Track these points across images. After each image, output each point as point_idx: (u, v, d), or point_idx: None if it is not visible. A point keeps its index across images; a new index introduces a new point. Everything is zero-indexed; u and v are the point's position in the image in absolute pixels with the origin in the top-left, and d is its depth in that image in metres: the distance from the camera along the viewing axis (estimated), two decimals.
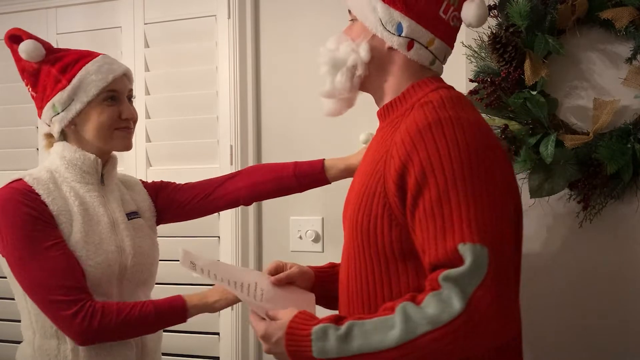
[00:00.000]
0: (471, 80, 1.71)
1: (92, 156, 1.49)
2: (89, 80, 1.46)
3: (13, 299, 1.49)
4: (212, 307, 1.47)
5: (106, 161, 1.55)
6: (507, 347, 1.16)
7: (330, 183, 1.65)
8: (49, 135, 1.56)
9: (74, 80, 1.45)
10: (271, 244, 2.22)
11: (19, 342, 1.55)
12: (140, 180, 1.73)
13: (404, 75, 1.23)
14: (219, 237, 2.25)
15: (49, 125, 1.52)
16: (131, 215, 1.57)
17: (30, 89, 1.52)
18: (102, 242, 1.44)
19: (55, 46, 2.41)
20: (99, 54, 1.52)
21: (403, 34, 1.19)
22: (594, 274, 1.66)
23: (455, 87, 1.20)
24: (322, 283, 1.43)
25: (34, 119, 2.53)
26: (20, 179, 1.43)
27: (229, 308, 2.20)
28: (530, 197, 1.68)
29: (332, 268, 1.47)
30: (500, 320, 1.00)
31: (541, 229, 1.71)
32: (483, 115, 1.71)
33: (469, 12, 1.20)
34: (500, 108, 1.68)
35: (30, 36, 1.49)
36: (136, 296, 1.54)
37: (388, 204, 1.12)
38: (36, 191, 1.41)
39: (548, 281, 1.70)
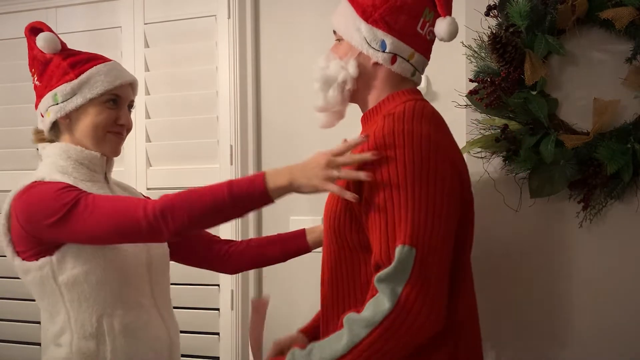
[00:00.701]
0: (471, 80, 1.71)
1: (98, 154, 1.50)
2: (97, 79, 1.47)
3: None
4: (296, 189, 1.30)
5: (107, 160, 1.55)
6: (443, 344, 1.24)
7: (311, 250, 1.66)
8: (39, 131, 1.56)
9: (82, 76, 1.47)
10: None
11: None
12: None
13: (385, 86, 1.35)
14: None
15: (43, 116, 1.51)
16: None
17: (35, 78, 1.53)
18: None
19: None
20: (111, 60, 1.54)
21: (387, 50, 1.32)
22: (594, 273, 1.66)
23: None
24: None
25: (33, 119, 2.52)
26: (39, 180, 1.41)
27: (229, 308, 2.21)
28: (531, 197, 1.68)
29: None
30: (426, 314, 1.12)
31: (541, 229, 1.71)
32: (483, 115, 1.72)
33: (440, 28, 1.34)
34: (500, 108, 1.68)
35: (51, 31, 1.51)
36: (164, 288, 1.56)
37: (350, 203, 1.26)
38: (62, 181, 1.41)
39: (548, 281, 1.70)
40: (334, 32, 1.40)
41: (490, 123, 1.70)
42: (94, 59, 1.51)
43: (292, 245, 1.65)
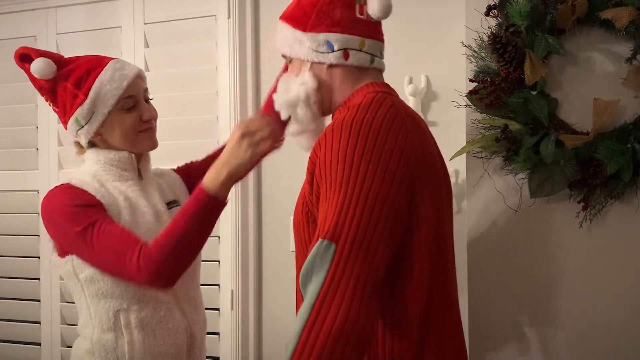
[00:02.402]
0: (471, 80, 1.71)
1: (126, 153, 1.52)
2: (105, 90, 1.47)
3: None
4: (234, 176, 1.40)
5: (140, 156, 1.57)
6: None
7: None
8: (79, 143, 1.58)
9: (91, 93, 1.47)
10: (271, 244, 2.23)
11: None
12: (172, 169, 1.75)
13: (347, 83, 1.30)
14: (218, 237, 2.25)
15: (76, 138, 1.55)
16: (171, 205, 1.60)
17: (51, 105, 1.54)
18: (149, 232, 1.49)
19: (55, 47, 2.45)
20: (109, 60, 1.52)
21: (335, 49, 1.28)
22: (594, 273, 1.66)
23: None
24: None
25: (34, 119, 2.53)
26: (67, 183, 1.48)
27: (229, 308, 2.21)
28: (531, 197, 1.68)
29: None
30: (339, 327, 1.03)
31: (541, 229, 1.71)
32: (483, 115, 1.72)
33: (372, 6, 1.28)
34: (500, 108, 1.68)
35: (39, 53, 1.50)
36: (186, 283, 1.56)
37: (305, 202, 1.23)
38: (84, 189, 1.46)
39: (547, 281, 1.70)
40: (283, 55, 1.36)
41: (490, 123, 1.70)
42: (93, 69, 1.49)
43: None
